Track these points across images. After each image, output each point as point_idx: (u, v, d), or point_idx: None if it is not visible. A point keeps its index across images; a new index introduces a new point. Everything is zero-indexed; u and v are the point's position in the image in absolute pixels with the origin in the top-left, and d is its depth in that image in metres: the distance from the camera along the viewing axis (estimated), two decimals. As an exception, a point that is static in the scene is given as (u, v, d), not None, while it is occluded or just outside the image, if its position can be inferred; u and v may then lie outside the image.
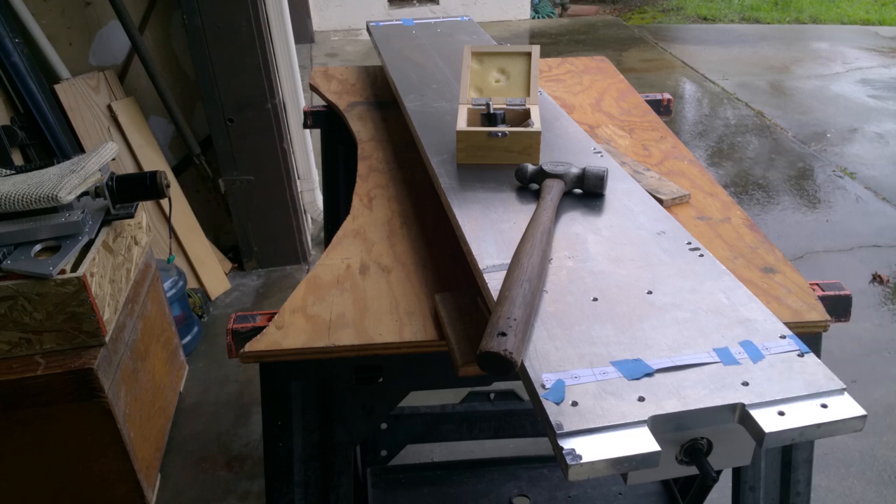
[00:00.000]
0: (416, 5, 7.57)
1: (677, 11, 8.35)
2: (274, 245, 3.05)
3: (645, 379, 0.69)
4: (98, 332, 1.66)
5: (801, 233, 3.39)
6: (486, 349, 0.70)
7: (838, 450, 2.12)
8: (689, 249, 0.91)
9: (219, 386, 2.43)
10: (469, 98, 1.26)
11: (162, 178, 1.77)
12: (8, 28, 2.34)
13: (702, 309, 0.79)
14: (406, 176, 1.33)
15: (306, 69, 5.60)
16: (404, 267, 1.04)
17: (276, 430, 0.96)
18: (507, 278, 0.80)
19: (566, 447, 0.61)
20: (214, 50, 2.62)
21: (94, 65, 2.68)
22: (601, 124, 1.55)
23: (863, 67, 5.92)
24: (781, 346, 0.73)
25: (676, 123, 4.75)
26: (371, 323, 0.92)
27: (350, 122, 1.57)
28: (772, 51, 6.49)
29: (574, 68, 1.92)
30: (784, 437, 0.64)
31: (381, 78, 1.83)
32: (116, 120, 2.65)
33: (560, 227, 0.98)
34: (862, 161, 4.14)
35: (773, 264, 1.02)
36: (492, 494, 1.76)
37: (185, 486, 2.05)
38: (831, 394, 0.67)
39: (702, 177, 1.30)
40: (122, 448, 1.77)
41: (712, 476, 0.65)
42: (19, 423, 1.68)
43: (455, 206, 1.03)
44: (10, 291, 1.56)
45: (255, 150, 2.83)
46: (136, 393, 1.89)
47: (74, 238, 1.65)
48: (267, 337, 0.90)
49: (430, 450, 2.15)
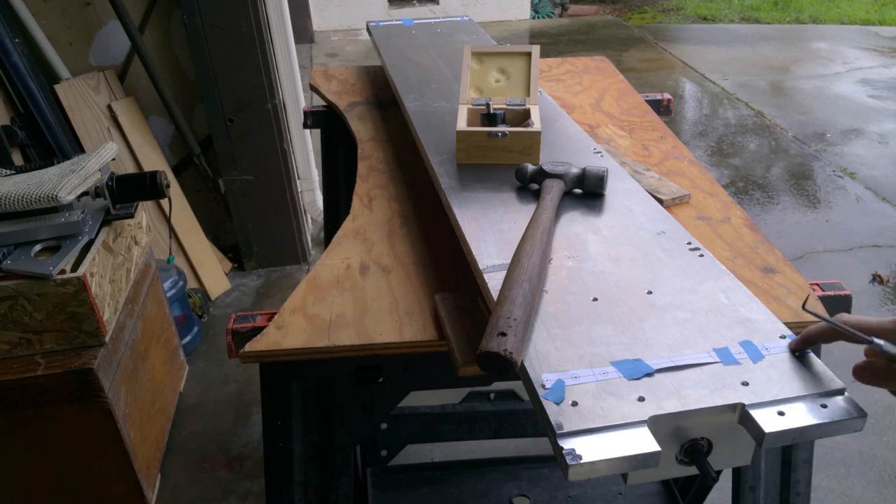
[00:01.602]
0: (416, 5, 7.57)
1: (677, 11, 8.35)
2: (274, 245, 3.05)
3: (645, 379, 0.69)
4: (98, 332, 1.66)
5: (801, 233, 3.39)
6: (486, 349, 0.70)
7: (838, 450, 2.12)
8: (689, 249, 0.91)
9: (219, 386, 2.43)
10: (469, 98, 1.26)
11: (162, 178, 1.78)
12: (8, 28, 2.34)
13: (702, 309, 0.79)
14: (406, 176, 1.33)
15: (306, 69, 5.60)
16: (404, 267, 1.04)
17: (276, 430, 0.96)
18: (507, 278, 0.80)
19: (566, 447, 0.61)
20: (214, 50, 2.62)
21: (94, 65, 2.68)
22: (601, 124, 1.54)
23: (863, 67, 5.92)
24: (781, 346, 0.73)
25: (676, 123, 4.75)
26: (371, 323, 0.92)
27: (350, 122, 1.57)
28: (772, 51, 6.49)
29: (574, 68, 1.92)
30: (784, 437, 0.64)
31: (381, 78, 1.83)
32: (116, 120, 2.65)
33: (560, 227, 0.98)
34: (862, 161, 4.14)
35: (773, 264, 1.02)
36: (492, 494, 1.76)
37: (185, 486, 2.05)
38: (831, 394, 0.67)
39: (702, 177, 1.30)
40: (122, 448, 1.77)
41: (712, 476, 0.65)
42: (19, 423, 1.68)
43: (455, 206, 1.03)
44: (10, 291, 1.56)
45: (255, 150, 2.83)
46: (136, 393, 1.89)
47: (74, 238, 1.65)
48: (267, 337, 0.90)
49: (430, 450, 2.15)
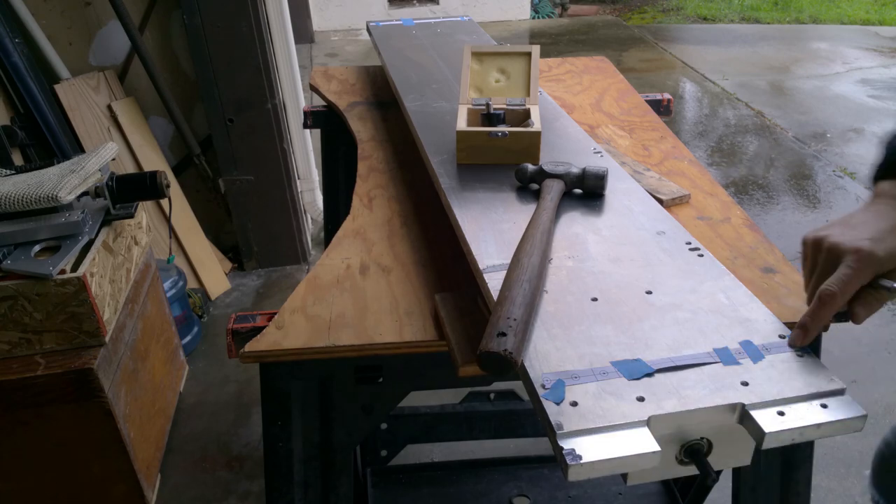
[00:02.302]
0: (416, 5, 7.57)
1: (677, 11, 8.35)
2: (274, 245, 3.05)
3: (645, 379, 0.69)
4: (98, 332, 1.66)
5: (801, 233, 3.34)
6: (486, 349, 0.70)
7: (838, 450, 2.12)
8: (689, 249, 0.91)
9: (219, 386, 2.43)
10: (469, 98, 1.26)
11: (162, 178, 1.78)
12: (8, 28, 2.34)
13: (702, 309, 0.79)
14: (406, 176, 1.33)
15: (306, 69, 5.60)
16: (404, 267, 1.04)
17: (276, 430, 0.96)
18: (507, 278, 0.80)
19: (566, 447, 0.61)
20: (214, 50, 2.62)
21: (94, 65, 2.68)
22: (601, 124, 1.54)
23: (863, 67, 5.92)
24: (781, 346, 0.73)
25: (676, 123, 4.75)
26: (371, 323, 0.92)
27: (350, 122, 1.57)
28: (772, 51, 6.49)
29: (574, 68, 1.92)
30: (784, 437, 0.64)
31: (381, 78, 1.83)
32: (116, 120, 2.65)
33: (560, 227, 0.98)
34: (862, 161, 4.14)
35: (773, 264, 1.02)
36: (492, 494, 1.76)
37: (185, 486, 2.05)
38: (831, 394, 0.67)
39: (702, 177, 1.30)
40: (122, 448, 1.77)
41: (712, 476, 0.65)
42: (19, 423, 1.67)
43: (455, 206, 1.03)
44: (10, 291, 1.56)
45: (255, 150, 2.83)
46: (136, 393, 1.89)
47: (74, 238, 1.65)
48: (267, 337, 0.90)
49: (430, 450, 2.15)
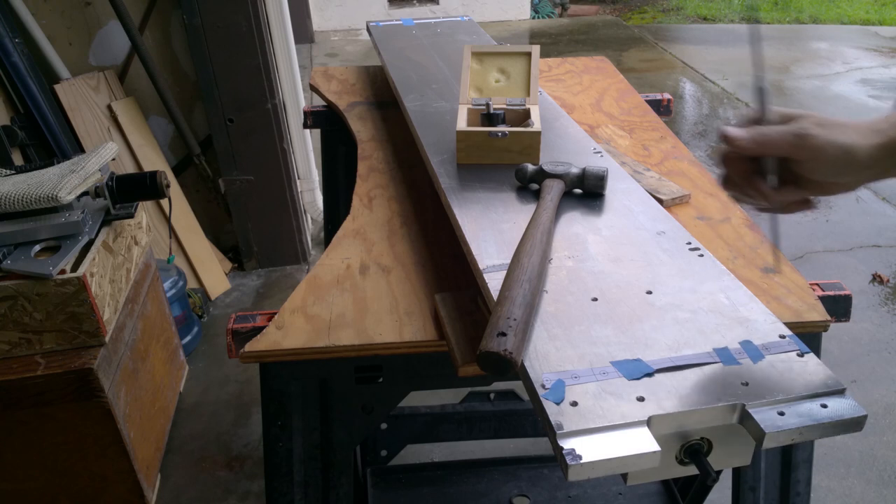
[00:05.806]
0: (416, 5, 7.57)
1: (677, 11, 8.35)
2: (274, 245, 3.05)
3: (645, 379, 0.69)
4: (98, 332, 1.66)
5: (801, 233, 3.39)
6: (486, 349, 0.70)
7: (838, 450, 2.12)
8: (689, 249, 0.91)
9: (219, 386, 2.43)
10: (469, 98, 1.26)
11: (162, 178, 1.78)
12: (8, 28, 2.34)
13: (702, 309, 0.79)
14: (406, 176, 1.33)
15: (306, 69, 5.60)
16: (404, 267, 1.04)
17: (276, 430, 0.96)
18: (507, 278, 0.80)
19: (566, 447, 0.61)
20: (214, 50, 2.62)
21: (94, 65, 2.68)
22: (601, 124, 1.54)
23: (863, 67, 5.91)
24: (781, 346, 0.73)
25: (676, 123, 4.75)
26: (371, 323, 0.92)
27: (350, 122, 1.57)
28: (772, 51, 6.49)
29: (574, 68, 1.92)
30: (784, 437, 0.64)
31: (381, 78, 1.83)
32: (116, 120, 2.65)
33: (560, 227, 0.98)
34: (862, 161, 4.13)
35: (773, 264, 1.02)
36: (492, 494, 1.76)
37: (185, 486, 2.05)
38: (831, 394, 0.67)
39: (702, 177, 1.30)
40: (122, 448, 1.77)
41: (712, 476, 0.65)
42: (19, 423, 1.68)
43: (455, 206, 1.03)
44: (10, 291, 1.56)
45: (255, 150, 2.83)
46: (136, 393, 1.89)
47: (74, 238, 1.65)
48: (267, 337, 0.90)
49: (430, 450, 2.15)
